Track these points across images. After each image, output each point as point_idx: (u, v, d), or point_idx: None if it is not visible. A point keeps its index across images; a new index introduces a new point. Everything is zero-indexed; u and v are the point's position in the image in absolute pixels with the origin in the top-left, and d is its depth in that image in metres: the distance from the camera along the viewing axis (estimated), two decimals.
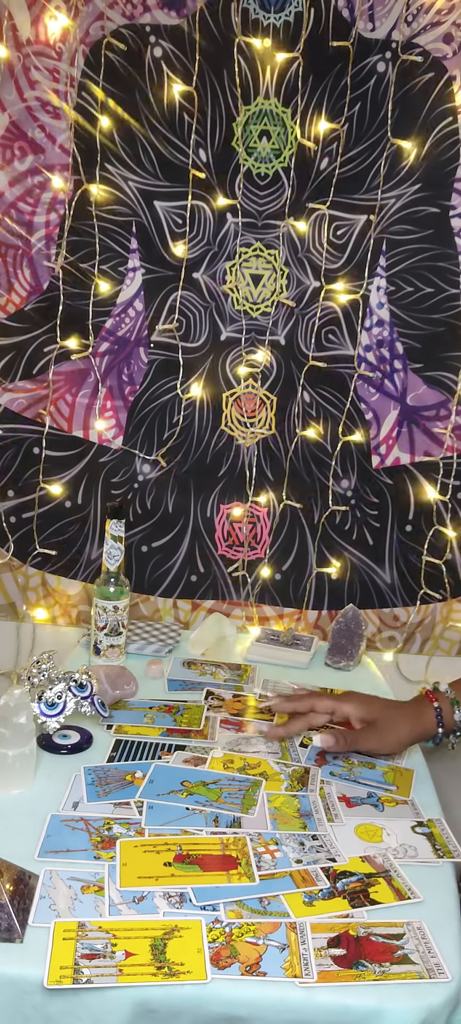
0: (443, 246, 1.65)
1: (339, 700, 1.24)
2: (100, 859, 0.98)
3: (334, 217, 1.66)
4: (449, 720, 1.22)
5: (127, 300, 1.70)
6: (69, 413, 1.74)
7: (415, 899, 0.95)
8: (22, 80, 1.62)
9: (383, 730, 1.21)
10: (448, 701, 1.23)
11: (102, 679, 1.37)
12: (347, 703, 1.23)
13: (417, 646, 1.79)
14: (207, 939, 0.86)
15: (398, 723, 1.21)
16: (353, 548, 1.77)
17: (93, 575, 1.77)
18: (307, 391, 1.72)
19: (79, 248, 1.68)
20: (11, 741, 1.11)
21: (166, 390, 1.73)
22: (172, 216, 1.67)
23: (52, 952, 0.83)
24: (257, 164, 1.65)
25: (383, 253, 1.67)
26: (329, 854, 1.02)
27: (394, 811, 1.14)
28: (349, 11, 1.59)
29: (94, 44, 1.61)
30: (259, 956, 0.85)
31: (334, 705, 1.23)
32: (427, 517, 1.74)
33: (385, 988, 0.83)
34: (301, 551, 1.78)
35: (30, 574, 1.79)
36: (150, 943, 0.85)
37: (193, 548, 1.78)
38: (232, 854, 1.00)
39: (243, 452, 1.75)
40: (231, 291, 1.70)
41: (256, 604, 1.80)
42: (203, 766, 1.20)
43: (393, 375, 1.71)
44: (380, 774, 1.22)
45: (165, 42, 1.61)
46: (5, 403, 1.73)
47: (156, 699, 1.42)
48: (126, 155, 1.65)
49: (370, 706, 1.24)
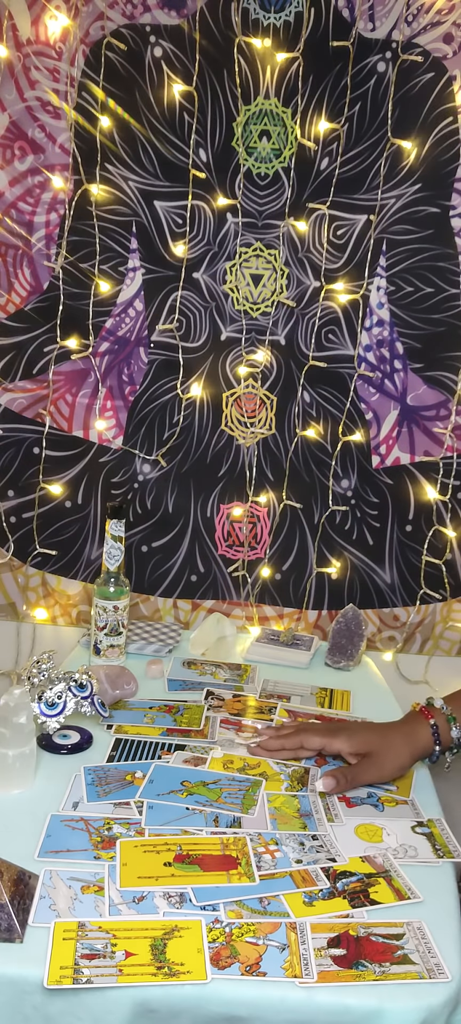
0: (443, 246, 1.66)
1: (330, 735, 1.21)
2: (100, 859, 0.98)
3: (334, 217, 1.66)
4: (446, 737, 1.18)
5: (127, 300, 1.70)
6: (69, 413, 1.74)
7: (415, 899, 0.95)
8: (22, 80, 1.62)
9: (383, 759, 1.17)
10: (444, 717, 1.18)
11: (102, 679, 1.37)
12: (337, 739, 1.19)
13: (417, 646, 1.79)
14: (207, 939, 0.86)
15: (396, 748, 1.17)
16: (353, 548, 1.77)
17: (93, 575, 1.77)
18: (307, 391, 1.72)
19: (79, 248, 1.68)
20: (11, 741, 1.11)
21: (166, 390, 1.73)
22: (172, 216, 1.67)
23: (52, 952, 0.83)
24: (257, 164, 1.65)
25: (383, 253, 1.67)
26: (329, 854, 1.02)
27: (394, 811, 1.14)
28: (349, 11, 1.59)
29: (94, 44, 1.61)
30: (259, 956, 0.85)
31: (323, 742, 1.20)
32: (427, 517, 1.74)
33: (385, 988, 0.83)
34: (301, 551, 1.78)
35: (30, 574, 1.79)
36: (150, 943, 0.85)
37: (193, 548, 1.78)
38: (232, 854, 1.00)
39: (243, 452, 1.75)
40: (231, 291, 1.70)
41: (256, 604, 1.80)
42: (203, 766, 1.20)
43: (393, 375, 1.71)
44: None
45: (165, 42, 1.61)
46: (5, 403, 1.73)
47: (156, 699, 1.42)
48: (126, 155, 1.65)
49: (363, 738, 1.19)
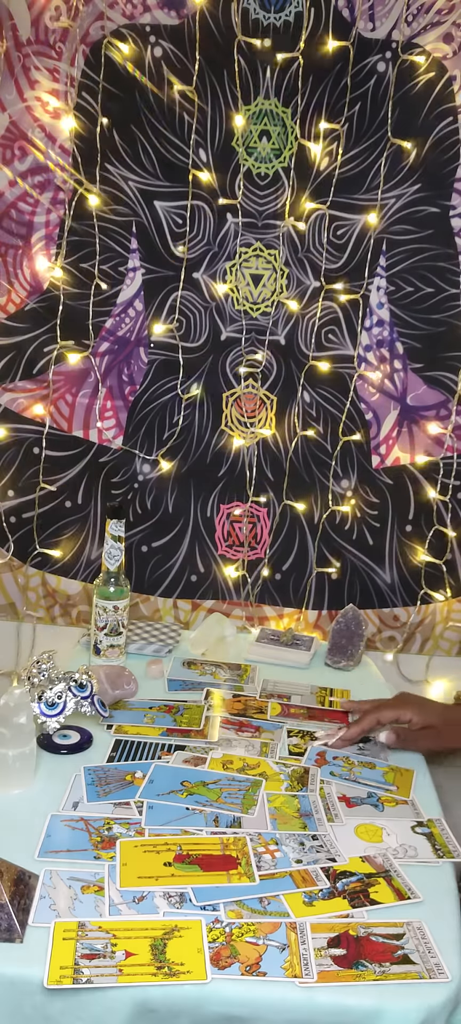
0: (443, 246, 1.65)
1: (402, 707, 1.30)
2: (100, 859, 0.98)
3: (334, 217, 1.66)
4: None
5: (127, 300, 1.70)
6: (69, 413, 1.74)
7: (415, 899, 0.95)
8: (22, 80, 1.62)
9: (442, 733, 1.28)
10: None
11: (102, 679, 1.37)
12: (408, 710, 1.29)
13: (417, 646, 1.79)
14: (207, 939, 0.86)
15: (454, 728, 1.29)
16: (353, 548, 1.77)
17: (93, 575, 1.77)
18: (307, 391, 1.72)
19: (79, 248, 1.68)
20: (11, 741, 1.11)
21: (166, 390, 1.73)
22: (172, 216, 1.67)
23: (52, 952, 0.83)
24: (257, 164, 1.65)
25: (383, 253, 1.67)
26: (329, 854, 1.02)
27: (394, 811, 1.14)
28: (349, 11, 1.59)
29: (94, 44, 1.61)
30: (259, 956, 0.85)
31: (397, 713, 1.29)
32: (427, 517, 1.74)
33: (385, 988, 0.83)
34: (301, 551, 1.78)
35: (30, 574, 1.79)
36: (150, 943, 0.85)
37: (193, 548, 1.78)
38: (232, 854, 1.00)
39: (243, 452, 1.75)
40: (231, 291, 1.70)
41: (256, 604, 1.80)
42: (203, 766, 1.20)
43: (393, 375, 1.71)
44: (380, 774, 1.22)
45: (165, 42, 1.61)
46: (5, 403, 1.73)
47: (156, 699, 1.42)
48: (126, 155, 1.65)
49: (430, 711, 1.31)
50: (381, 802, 1.15)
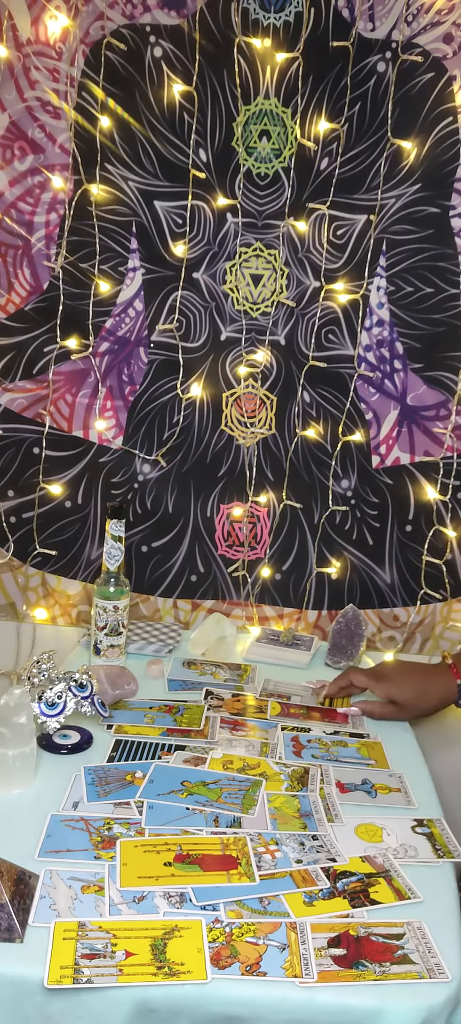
0: (443, 246, 1.65)
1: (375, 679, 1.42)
2: (100, 859, 0.98)
3: (334, 217, 1.66)
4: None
5: (127, 300, 1.70)
6: (69, 413, 1.74)
7: (415, 899, 0.95)
8: (22, 80, 1.62)
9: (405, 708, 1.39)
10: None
11: (102, 679, 1.37)
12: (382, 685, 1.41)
13: (417, 646, 1.80)
14: (207, 939, 0.86)
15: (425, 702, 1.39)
16: (353, 548, 1.77)
17: (93, 575, 1.77)
18: (307, 391, 1.72)
19: (79, 248, 1.68)
20: (11, 741, 1.11)
21: (166, 390, 1.73)
22: (172, 216, 1.67)
23: (52, 952, 0.83)
24: (257, 164, 1.65)
25: (383, 253, 1.67)
26: (329, 854, 1.02)
27: (387, 798, 1.16)
28: (349, 11, 1.59)
29: (94, 44, 1.61)
30: (259, 956, 0.85)
31: (370, 684, 1.42)
32: (427, 517, 1.74)
33: (385, 988, 0.83)
34: (301, 551, 1.78)
35: (30, 574, 1.79)
36: (150, 943, 0.85)
37: (193, 548, 1.78)
38: (232, 854, 1.00)
39: (243, 452, 1.75)
40: (231, 291, 1.70)
41: (256, 604, 1.80)
42: (203, 766, 1.20)
43: (393, 375, 1.71)
44: (354, 750, 1.28)
45: (165, 42, 1.61)
46: (5, 403, 1.73)
47: (156, 699, 1.42)
48: (126, 155, 1.65)
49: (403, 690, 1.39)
50: (374, 789, 1.18)
